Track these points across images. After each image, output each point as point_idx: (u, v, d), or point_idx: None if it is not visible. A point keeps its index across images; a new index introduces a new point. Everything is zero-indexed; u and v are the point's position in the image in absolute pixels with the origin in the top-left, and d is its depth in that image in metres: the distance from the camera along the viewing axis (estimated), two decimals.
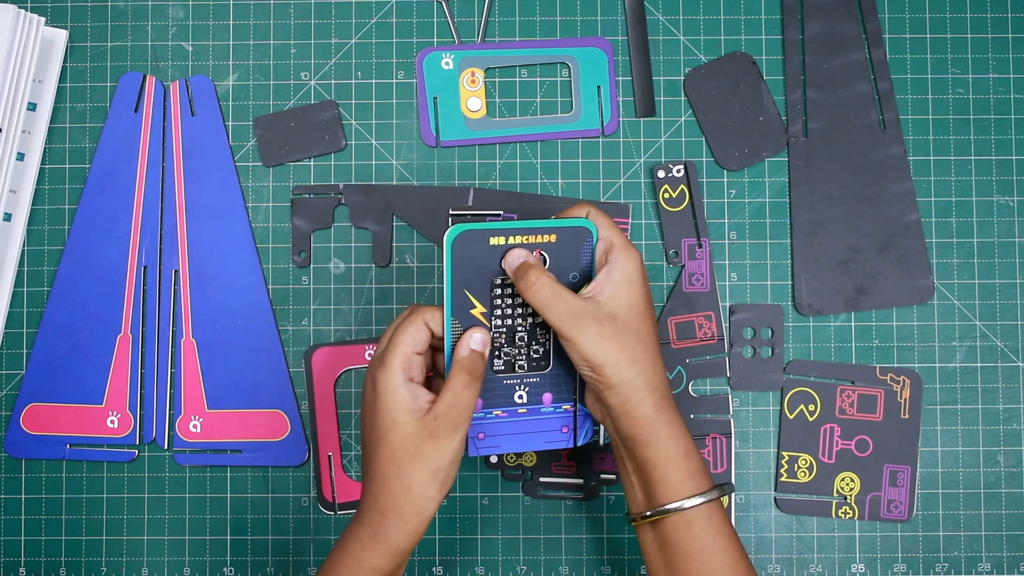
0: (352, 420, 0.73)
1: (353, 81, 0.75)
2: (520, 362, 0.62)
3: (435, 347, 0.62)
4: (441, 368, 0.62)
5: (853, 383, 0.73)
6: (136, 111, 0.74)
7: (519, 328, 0.62)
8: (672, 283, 0.74)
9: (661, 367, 0.60)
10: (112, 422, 0.73)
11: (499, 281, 0.61)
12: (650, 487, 0.59)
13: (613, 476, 0.73)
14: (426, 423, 0.58)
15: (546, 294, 0.58)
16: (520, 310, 0.62)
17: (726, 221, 0.74)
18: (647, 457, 0.59)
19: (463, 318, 0.61)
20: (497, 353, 0.62)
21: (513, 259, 0.60)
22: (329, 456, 0.72)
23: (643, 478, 0.60)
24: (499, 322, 0.62)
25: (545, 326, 0.62)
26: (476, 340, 0.60)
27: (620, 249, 0.60)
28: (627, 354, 0.58)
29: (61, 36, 0.74)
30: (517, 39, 0.75)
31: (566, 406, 0.64)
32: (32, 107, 0.73)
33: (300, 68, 0.75)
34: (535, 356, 0.63)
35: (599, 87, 0.74)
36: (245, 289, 0.74)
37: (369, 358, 0.66)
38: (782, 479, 0.73)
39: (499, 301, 0.62)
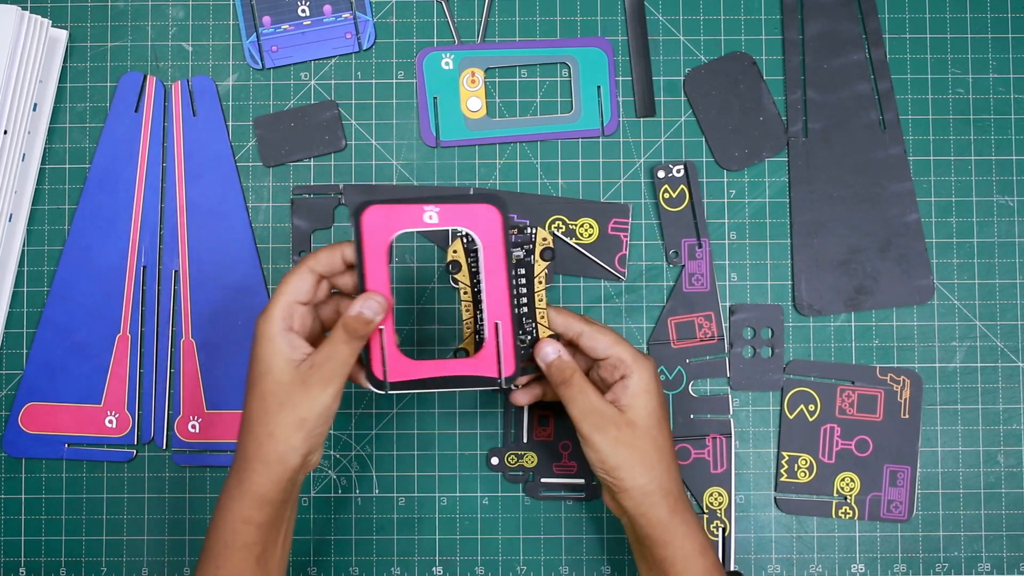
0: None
1: (353, 81, 0.75)
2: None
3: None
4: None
5: (853, 383, 0.73)
6: (136, 111, 0.74)
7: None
8: (672, 283, 0.74)
9: (675, 471, 0.63)
10: (110, 422, 0.73)
11: (480, 277, 0.61)
12: None
13: None
14: (300, 371, 0.58)
15: (575, 391, 0.61)
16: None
17: (726, 221, 0.74)
18: (664, 556, 0.62)
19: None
20: (478, 337, 0.63)
21: (547, 353, 0.62)
22: (380, 329, 0.61)
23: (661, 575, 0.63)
24: (483, 315, 0.62)
25: (531, 314, 0.63)
26: (368, 306, 0.58)
27: (632, 361, 0.62)
28: (642, 460, 0.61)
29: (61, 36, 0.74)
30: (517, 39, 0.75)
31: None
32: (33, 107, 0.73)
33: (300, 68, 0.75)
34: (521, 345, 0.63)
35: (599, 87, 0.74)
36: (245, 289, 0.74)
37: (429, 220, 0.60)
38: (782, 479, 0.73)
39: (482, 296, 0.62)
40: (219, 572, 0.59)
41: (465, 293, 0.63)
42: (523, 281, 0.63)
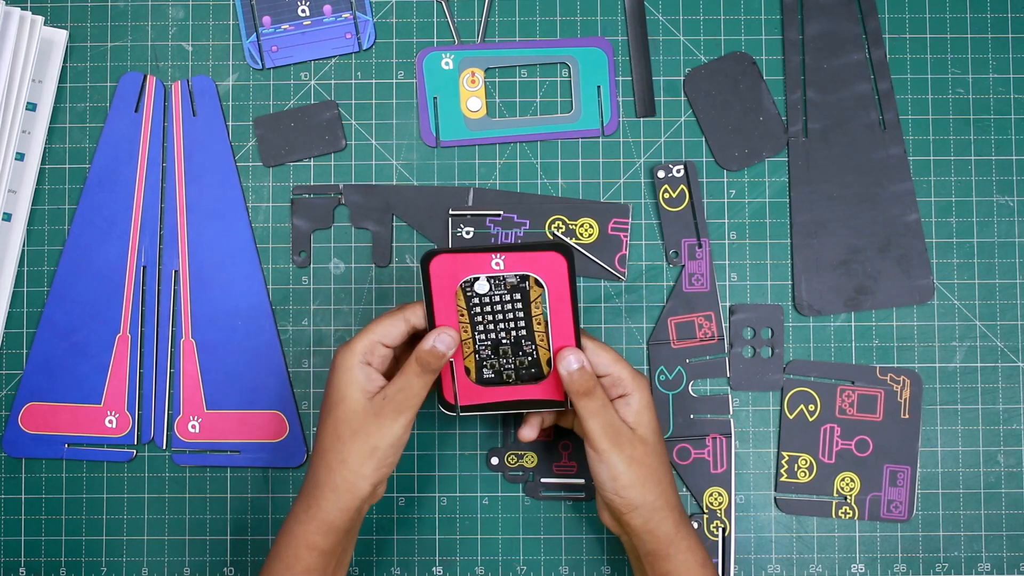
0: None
1: (353, 81, 0.75)
2: (508, 372, 0.63)
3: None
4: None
5: (853, 383, 0.73)
6: (136, 111, 0.74)
7: (503, 341, 0.62)
8: (672, 283, 0.74)
9: (675, 484, 0.64)
10: (110, 422, 0.73)
11: (477, 300, 0.61)
12: None
13: None
14: (374, 402, 0.60)
15: (597, 404, 0.61)
16: (503, 325, 0.62)
17: (726, 221, 0.74)
18: (667, 570, 0.62)
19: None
20: (484, 364, 0.63)
21: (571, 362, 0.61)
22: (451, 362, 0.62)
23: None
24: (482, 336, 0.62)
25: (530, 337, 0.62)
26: (441, 340, 0.60)
27: (632, 379, 0.63)
28: (652, 476, 0.62)
29: (61, 36, 0.74)
30: (517, 39, 0.75)
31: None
32: (32, 107, 0.73)
33: (300, 68, 0.75)
34: (522, 366, 0.63)
35: (599, 87, 0.74)
36: (245, 289, 0.74)
37: (496, 267, 0.61)
38: (782, 479, 0.73)
39: (479, 318, 0.62)
40: None
41: (462, 316, 0.62)
42: (519, 305, 0.62)
